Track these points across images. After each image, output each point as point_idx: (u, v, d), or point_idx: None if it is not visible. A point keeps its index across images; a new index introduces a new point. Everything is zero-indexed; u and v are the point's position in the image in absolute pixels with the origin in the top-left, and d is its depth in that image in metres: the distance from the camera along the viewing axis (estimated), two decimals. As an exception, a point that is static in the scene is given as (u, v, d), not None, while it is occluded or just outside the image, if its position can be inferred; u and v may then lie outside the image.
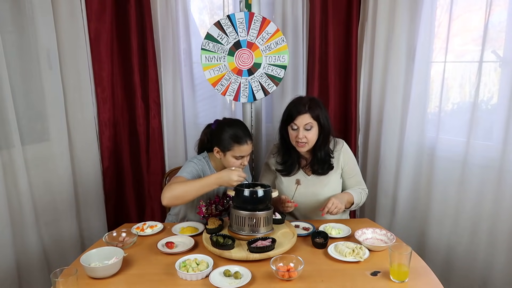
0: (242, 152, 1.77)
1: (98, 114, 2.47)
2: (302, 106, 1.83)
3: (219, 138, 1.79)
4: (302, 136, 1.82)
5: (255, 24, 2.16)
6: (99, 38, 2.38)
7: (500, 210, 1.99)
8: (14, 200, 2.04)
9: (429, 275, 1.40)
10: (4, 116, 1.96)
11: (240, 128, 1.81)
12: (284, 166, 1.96)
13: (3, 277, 1.98)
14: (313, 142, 1.86)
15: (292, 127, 1.85)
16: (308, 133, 1.82)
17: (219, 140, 1.79)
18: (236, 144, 1.76)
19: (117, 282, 1.38)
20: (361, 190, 2.00)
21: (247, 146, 1.78)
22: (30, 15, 2.10)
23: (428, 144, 2.28)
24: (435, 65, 2.23)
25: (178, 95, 2.53)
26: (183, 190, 1.64)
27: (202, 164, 1.86)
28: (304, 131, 1.82)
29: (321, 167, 1.91)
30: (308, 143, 1.84)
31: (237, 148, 1.76)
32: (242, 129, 1.81)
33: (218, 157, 1.83)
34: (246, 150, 1.78)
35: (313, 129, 1.83)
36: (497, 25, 1.97)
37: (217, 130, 1.84)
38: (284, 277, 1.35)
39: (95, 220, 2.53)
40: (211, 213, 1.87)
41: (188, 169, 1.79)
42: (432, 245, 2.30)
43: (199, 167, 1.83)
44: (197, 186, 1.63)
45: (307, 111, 1.82)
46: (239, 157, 1.78)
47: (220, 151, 1.80)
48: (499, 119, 1.97)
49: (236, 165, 1.78)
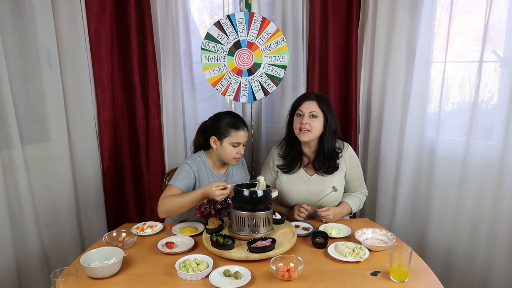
0: (239, 138, 1.79)
1: (98, 114, 2.47)
2: (310, 95, 1.89)
3: (216, 126, 1.82)
4: (306, 121, 1.81)
5: (255, 24, 2.16)
6: (99, 38, 2.38)
7: (500, 210, 1.99)
8: (14, 201, 2.04)
9: (429, 275, 1.40)
10: (4, 116, 1.96)
11: (236, 116, 1.87)
12: (285, 160, 1.95)
13: (3, 277, 1.98)
14: (316, 132, 1.84)
15: (298, 113, 1.86)
16: (312, 120, 1.82)
17: (216, 128, 1.82)
18: (233, 129, 1.79)
19: (117, 282, 1.38)
20: (360, 197, 2.01)
21: (243, 133, 1.81)
22: (30, 15, 2.10)
23: (428, 144, 2.28)
24: (435, 65, 2.23)
25: (178, 95, 2.53)
26: (174, 205, 1.70)
27: (197, 163, 1.86)
28: (309, 118, 1.82)
29: (325, 165, 1.89)
30: (311, 132, 1.82)
31: (234, 133, 1.79)
32: (239, 117, 1.87)
33: (214, 147, 1.84)
34: (242, 136, 1.80)
35: (318, 119, 1.83)
36: (497, 25, 1.97)
37: (214, 120, 1.87)
38: (284, 277, 1.35)
39: (95, 220, 2.53)
40: (209, 212, 1.87)
41: (181, 175, 1.80)
42: (432, 246, 2.30)
43: (194, 168, 1.83)
44: (186, 201, 1.68)
45: (315, 99, 1.85)
46: (236, 144, 1.79)
47: (217, 139, 1.82)
48: (499, 119, 1.97)
49: (233, 153, 1.80)
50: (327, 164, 1.89)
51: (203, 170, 1.86)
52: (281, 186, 1.96)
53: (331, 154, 1.89)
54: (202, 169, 1.86)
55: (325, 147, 1.88)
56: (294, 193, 1.92)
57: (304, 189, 1.91)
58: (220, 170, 1.93)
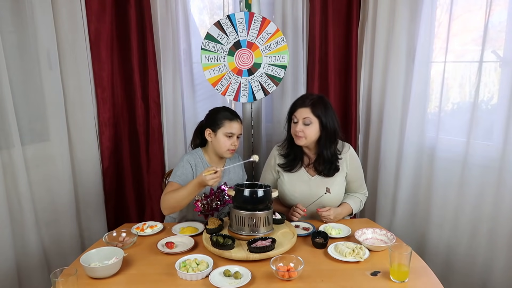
0: (232, 129, 1.85)
1: (98, 114, 2.47)
2: (305, 100, 1.85)
3: (211, 119, 1.90)
4: (300, 129, 1.82)
5: (255, 24, 2.16)
6: (99, 38, 2.38)
7: (500, 211, 1.99)
8: (14, 200, 2.04)
9: (429, 275, 1.40)
10: (4, 116, 1.96)
11: (230, 109, 1.94)
12: (286, 159, 1.96)
13: (3, 277, 1.98)
14: (311, 138, 1.84)
15: (293, 119, 1.86)
16: (306, 128, 1.82)
17: (211, 121, 1.90)
18: (227, 120, 1.86)
19: (117, 282, 1.38)
20: (361, 197, 2.01)
21: (237, 124, 1.87)
22: (30, 15, 2.10)
23: (428, 144, 2.28)
24: (435, 65, 2.23)
25: (178, 95, 2.53)
26: (174, 201, 1.73)
27: (194, 158, 1.92)
28: (303, 125, 1.82)
29: (326, 168, 1.88)
30: (305, 138, 1.83)
31: (228, 124, 1.85)
32: (233, 111, 1.94)
33: (209, 139, 1.90)
34: (236, 127, 1.87)
35: (312, 126, 1.81)
36: (497, 25, 1.97)
37: (209, 115, 1.95)
38: (284, 277, 1.35)
39: (95, 220, 2.53)
40: (207, 208, 1.89)
41: (179, 171, 1.86)
42: (432, 246, 2.30)
43: (192, 162, 1.89)
44: (184, 194, 1.71)
45: (309, 106, 1.82)
46: (230, 135, 1.85)
47: (212, 131, 1.88)
48: (499, 119, 1.97)
49: (227, 145, 1.85)
50: (328, 167, 1.89)
51: (200, 165, 1.90)
52: (282, 186, 1.96)
53: (331, 158, 1.88)
54: (199, 164, 1.90)
55: (323, 151, 1.86)
56: (295, 193, 1.92)
57: (306, 189, 1.91)
58: (218, 165, 1.96)
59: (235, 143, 1.87)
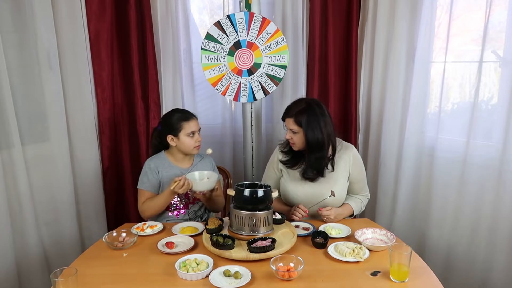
0: (192, 128, 1.91)
1: (98, 114, 2.47)
2: (290, 111, 1.87)
3: (168, 125, 1.94)
4: (289, 137, 1.87)
5: (255, 24, 2.16)
6: (99, 38, 2.38)
7: (500, 210, 1.99)
8: (14, 200, 2.04)
9: (429, 275, 1.40)
10: (4, 116, 1.95)
11: (182, 110, 2.01)
12: (288, 157, 1.97)
13: (3, 278, 1.98)
14: (300, 145, 1.87)
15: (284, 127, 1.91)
16: (293, 135, 1.86)
17: (169, 127, 1.93)
18: (184, 122, 1.91)
19: (117, 282, 1.38)
20: (363, 199, 2.01)
21: (194, 122, 1.94)
22: (30, 15, 2.09)
23: (428, 144, 2.28)
24: (435, 65, 2.23)
25: (178, 95, 2.53)
26: (153, 209, 1.91)
27: (154, 162, 1.97)
28: (291, 133, 1.86)
29: (309, 171, 1.87)
30: (295, 144, 1.87)
31: (186, 124, 1.90)
32: (185, 110, 2.00)
33: (174, 144, 1.94)
34: (194, 125, 1.93)
35: (298, 134, 1.85)
36: (497, 25, 1.97)
37: (163, 121, 1.98)
38: (284, 277, 1.35)
39: (95, 220, 2.53)
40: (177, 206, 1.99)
41: (144, 178, 1.94)
42: (432, 245, 2.30)
43: (152, 166, 1.95)
44: (160, 203, 1.89)
45: (292, 116, 1.84)
46: (191, 134, 1.91)
47: (173, 136, 1.92)
48: (499, 119, 1.97)
49: (192, 143, 1.91)
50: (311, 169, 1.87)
51: (162, 166, 1.96)
52: (285, 185, 1.96)
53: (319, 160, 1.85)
54: (161, 166, 1.96)
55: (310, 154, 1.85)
56: (298, 192, 1.92)
57: (309, 190, 1.91)
58: (183, 164, 2.00)
59: (199, 139, 1.94)
